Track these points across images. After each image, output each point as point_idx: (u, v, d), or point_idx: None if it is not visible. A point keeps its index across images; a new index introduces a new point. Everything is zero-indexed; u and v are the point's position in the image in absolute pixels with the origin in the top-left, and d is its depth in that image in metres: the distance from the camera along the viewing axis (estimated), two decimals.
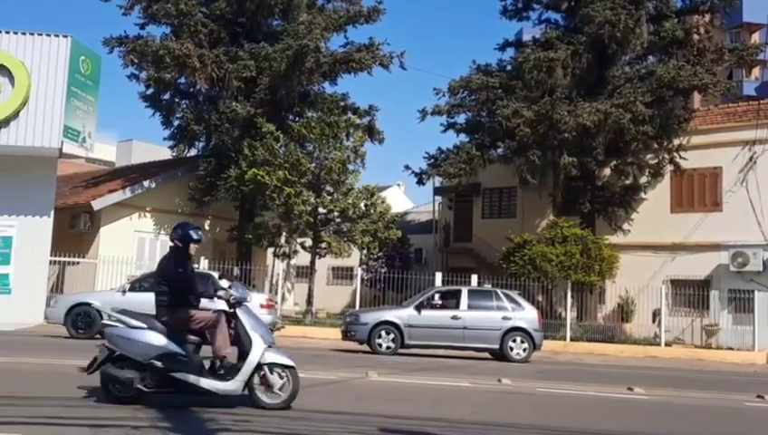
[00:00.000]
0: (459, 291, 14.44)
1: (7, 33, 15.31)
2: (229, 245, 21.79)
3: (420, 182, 23.15)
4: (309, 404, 6.73)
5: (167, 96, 22.06)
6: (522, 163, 20.75)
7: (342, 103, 21.98)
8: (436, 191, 27.47)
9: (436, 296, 14.24)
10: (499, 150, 22.51)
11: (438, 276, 18.70)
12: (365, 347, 13.65)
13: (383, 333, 13.41)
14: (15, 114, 15.01)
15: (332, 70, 21.31)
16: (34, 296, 15.71)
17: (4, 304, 15.50)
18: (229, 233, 21.75)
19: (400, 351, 13.42)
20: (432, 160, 22.70)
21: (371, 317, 13.74)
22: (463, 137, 23.39)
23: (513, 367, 12.35)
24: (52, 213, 16.39)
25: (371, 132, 22.26)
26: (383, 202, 20.55)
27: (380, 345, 13.34)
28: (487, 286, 16.32)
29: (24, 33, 15.41)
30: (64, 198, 19.29)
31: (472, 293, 14.51)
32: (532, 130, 19.87)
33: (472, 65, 23.07)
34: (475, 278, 18.15)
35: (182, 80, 21.20)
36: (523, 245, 20.12)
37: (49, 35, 15.46)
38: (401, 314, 13.67)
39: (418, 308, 13.72)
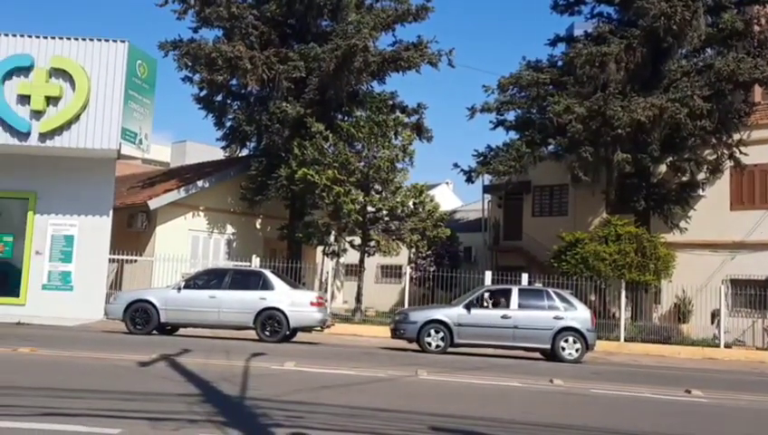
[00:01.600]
0: (510, 290, 14.26)
1: (68, 39, 15.86)
2: (280, 243, 22.11)
3: (469, 180, 23.01)
4: (359, 401, 6.77)
5: (219, 98, 22.54)
6: (573, 160, 20.40)
7: (391, 102, 22.02)
8: (486, 189, 27.23)
9: (486, 295, 14.11)
10: (550, 147, 22.19)
11: (488, 275, 18.55)
12: (414, 345, 13.63)
13: (432, 331, 13.36)
14: (76, 117, 15.55)
15: (381, 69, 21.39)
16: (95, 293, 16.29)
17: (67, 300, 16.13)
18: (280, 231, 22.06)
19: (450, 350, 13.36)
20: (481, 158, 22.53)
21: (421, 316, 13.72)
22: (513, 134, 23.18)
23: (566, 368, 12.13)
24: (111, 212, 16.92)
25: (420, 131, 22.24)
26: (432, 200, 20.51)
27: (430, 344, 13.31)
28: (538, 285, 16.08)
29: (83, 39, 15.94)
30: (122, 198, 19.92)
31: (523, 292, 14.32)
32: (584, 126, 19.50)
33: (522, 62, 22.83)
34: (525, 277, 17.92)
35: (234, 81, 21.61)
36: (574, 243, 19.77)
37: (107, 41, 15.95)
38: (451, 313, 13.59)
39: (468, 307, 13.63)
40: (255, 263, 18.22)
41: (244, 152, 23.60)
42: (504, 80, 21.90)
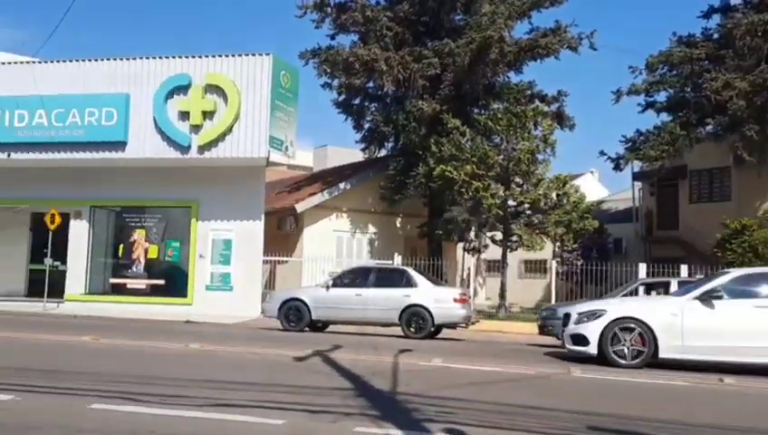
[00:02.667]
0: (668, 283, 13.33)
1: (219, 56, 17.06)
2: (420, 241, 22.28)
3: (617, 168, 21.84)
4: (510, 399, 6.61)
5: (357, 101, 23.17)
6: (736, 140, 18.70)
7: (529, 92, 21.45)
8: (636, 177, 25.72)
9: (642, 289, 13.27)
10: (708, 128, 20.51)
11: (642, 268, 17.44)
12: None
13: None
14: (229, 129, 16.68)
15: (517, 58, 20.89)
16: (252, 293, 17.38)
17: (228, 299, 17.34)
18: (419, 229, 22.23)
19: None
20: (630, 144, 21.30)
21: (570, 311, 13.17)
22: (664, 116, 21.71)
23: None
24: (263, 217, 17.97)
25: (561, 119, 21.46)
26: (576, 191, 19.68)
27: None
28: (699, 277, 14.85)
29: (232, 56, 17.05)
30: (271, 203, 21.03)
31: (683, 285, 13.29)
32: (747, 102, 17.81)
33: (672, 38, 21.32)
34: (684, 269, 16.64)
35: (371, 84, 22.10)
36: (741, 230, 18.10)
37: (254, 54, 16.94)
38: None
39: None
40: (397, 261, 18.49)
41: (383, 153, 24.06)
42: (653, 58, 20.54)
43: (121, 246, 18.84)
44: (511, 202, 19.39)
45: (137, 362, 8.53)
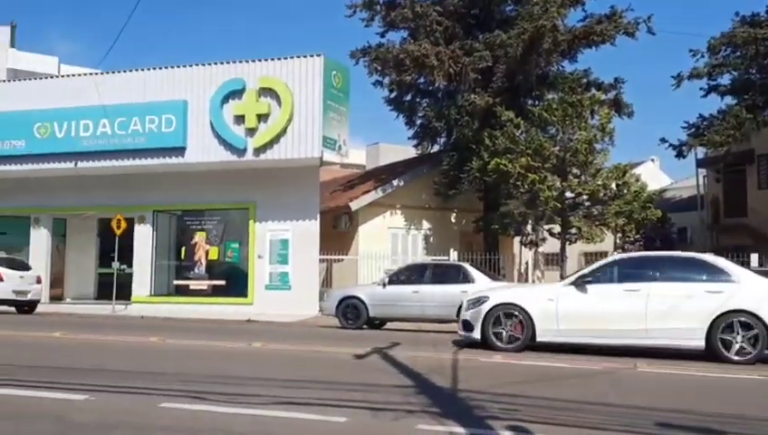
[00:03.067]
0: None
1: (272, 59, 17.32)
2: (476, 236, 22.08)
3: (680, 155, 21.14)
4: (575, 395, 6.47)
5: (408, 97, 23.12)
6: None
7: (584, 80, 20.96)
8: (700, 163, 24.82)
9: None
10: None
11: None
12: None
13: None
14: (284, 131, 16.92)
15: (571, 47, 20.44)
16: (309, 291, 17.59)
17: (286, 298, 17.61)
18: (475, 224, 22.03)
19: None
20: (693, 130, 20.58)
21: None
22: (729, 99, 20.88)
23: None
24: (318, 216, 18.16)
25: (619, 107, 20.89)
26: (637, 180, 19.15)
27: None
28: None
29: (285, 58, 17.28)
30: (326, 202, 21.21)
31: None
32: None
33: (735, 18, 20.43)
34: (755, 257, 15.94)
35: (422, 80, 22.01)
36: None
37: (305, 56, 17.12)
38: None
39: None
40: (453, 256, 18.38)
41: (435, 148, 23.95)
42: (715, 41, 19.75)
43: (183, 248, 19.39)
44: (568, 194, 19.00)
45: (202, 361, 8.75)
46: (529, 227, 20.37)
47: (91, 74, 19.24)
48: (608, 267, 10.14)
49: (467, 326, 10.24)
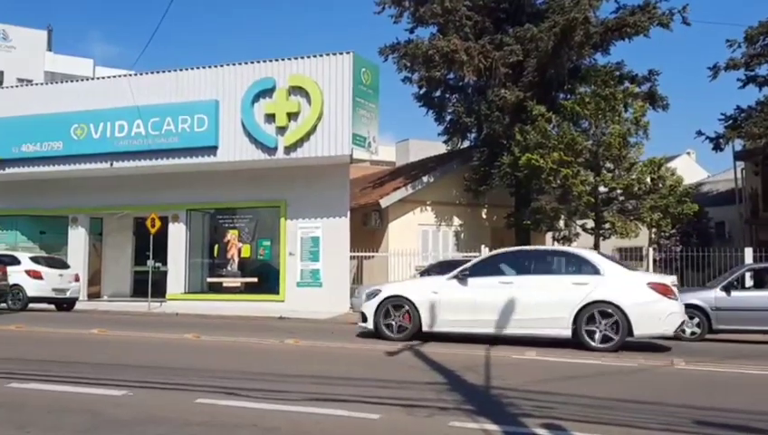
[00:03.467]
0: None
1: (301, 58, 17.39)
2: (507, 232, 21.90)
3: (717, 148, 20.69)
4: (610, 392, 6.39)
5: (438, 93, 23.02)
6: None
7: (617, 73, 20.59)
8: (738, 156, 24.23)
9: (749, 275, 12.47)
10: None
11: (748, 252, 16.41)
12: None
13: (687, 317, 12.18)
14: (314, 129, 16.98)
15: (604, 39, 20.13)
16: (340, 288, 17.66)
17: (317, 296, 17.70)
18: (506, 220, 21.85)
19: (707, 337, 12.08)
20: (730, 122, 20.12)
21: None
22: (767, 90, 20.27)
23: None
24: (348, 213, 18.20)
25: (653, 100, 20.51)
26: (673, 174, 18.77)
27: (684, 331, 12.15)
28: None
29: (314, 56, 17.34)
30: (356, 199, 21.27)
31: None
32: None
33: None
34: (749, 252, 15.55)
35: (451, 75, 21.90)
36: None
37: (334, 54, 17.15)
38: (706, 297, 12.25)
39: (727, 289, 12.17)
40: (485, 253, 18.25)
41: (466, 144, 23.81)
42: (753, 30, 19.26)
43: (216, 246, 19.64)
44: (602, 188, 18.73)
45: (236, 357, 8.85)
46: (561, 223, 20.13)
47: (125, 76, 19.59)
48: (488, 261, 10.84)
49: (364, 317, 10.81)
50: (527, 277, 10.20)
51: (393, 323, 10.45)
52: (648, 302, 9.59)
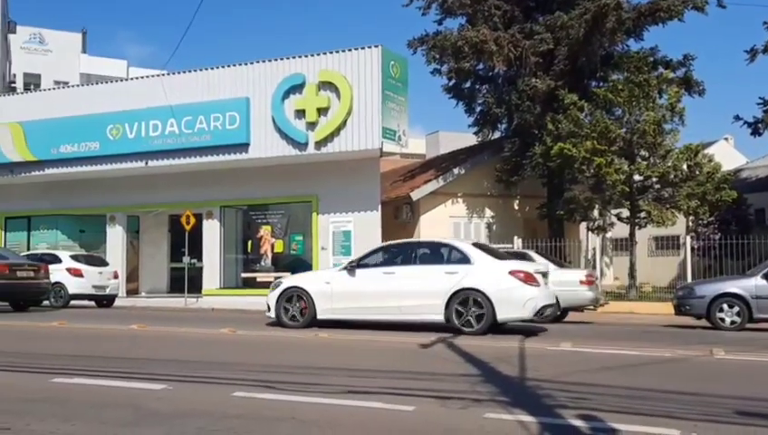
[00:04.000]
0: None
1: (330, 53, 17.44)
2: (540, 222, 21.72)
3: (756, 133, 20.24)
4: (648, 383, 6.29)
5: (467, 84, 22.89)
6: None
7: (651, 59, 20.21)
8: None
9: None
10: None
11: None
12: (703, 323, 12.34)
13: (725, 306, 11.96)
14: (343, 123, 17.04)
15: (637, 25, 19.79)
16: None
17: None
18: (539, 211, 21.66)
19: (748, 325, 11.84)
20: None
21: (709, 289, 12.35)
22: None
23: None
24: (379, 207, 18.24)
25: (688, 85, 20.09)
26: (710, 161, 18.38)
27: (723, 320, 11.93)
28: None
29: (342, 51, 17.38)
30: (387, 193, 21.29)
31: None
32: None
33: None
34: None
35: (480, 66, 21.77)
36: None
37: (363, 48, 17.16)
38: (746, 285, 12.00)
39: None
40: (517, 244, 18.16)
41: (496, 135, 23.64)
42: None
43: (250, 242, 19.89)
44: (637, 177, 18.45)
45: (272, 351, 8.96)
46: (596, 213, 19.87)
47: (157, 76, 19.90)
48: (374, 253, 11.60)
49: (268, 307, 11.63)
50: (408, 267, 10.96)
51: (291, 311, 11.29)
52: (510, 288, 10.32)
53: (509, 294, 10.29)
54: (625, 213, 19.18)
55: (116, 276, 18.83)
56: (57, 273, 16.99)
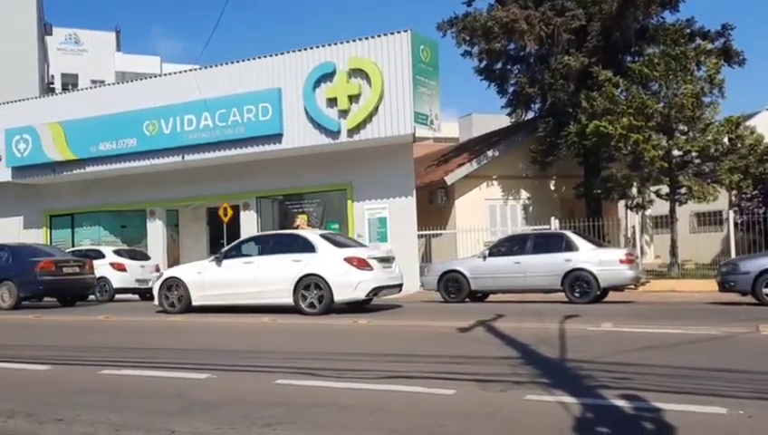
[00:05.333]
0: None
1: (360, 39, 17.40)
2: (577, 202, 21.41)
3: None
4: (693, 362, 6.20)
5: (499, 65, 22.59)
6: None
7: (688, 30, 19.60)
8: None
9: None
10: None
11: None
12: (748, 299, 12.04)
13: None
14: (375, 110, 17.01)
15: None
16: (409, 267, 17.63)
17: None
18: (575, 190, 21.33)
19: None
20: None
21: (755, 265, 12.01)
22: None
23: None
24: (414, 192, 18.21)
25: (728, 55, 19.47)
26: (752, 133, 17.85)
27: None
28: None
29: (372, 37, 17.31)
30: (421, 178, 21.22)
31: None
32: None
33: None
34: None
35: (512, 46, 21.45)
36: None
37: (392, 33, 17.05)
38: None
39: None
40: (555, 225, 17.93)
41: (530, 115, 23.33)
42: None
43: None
44: (676, 152, 18.01)
45: (311, 338, 9.08)
46: (634, 190, 19.49)
47: (190, 70, 20.14)
48: (238, 245, 13.06)
49: (153, 296, 13.01)
50: (264, 257, 12.30)
51: (170, 298, 12.60)
52: (344, 273, 11.52)
53: (343, 278, 11.48)
54: (664, 190, 18.77)
55: (158, 270, 19.17)
56: (101, 268, 17.44)
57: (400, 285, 12.80)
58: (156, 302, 12.92)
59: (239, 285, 12.07)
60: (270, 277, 11.85)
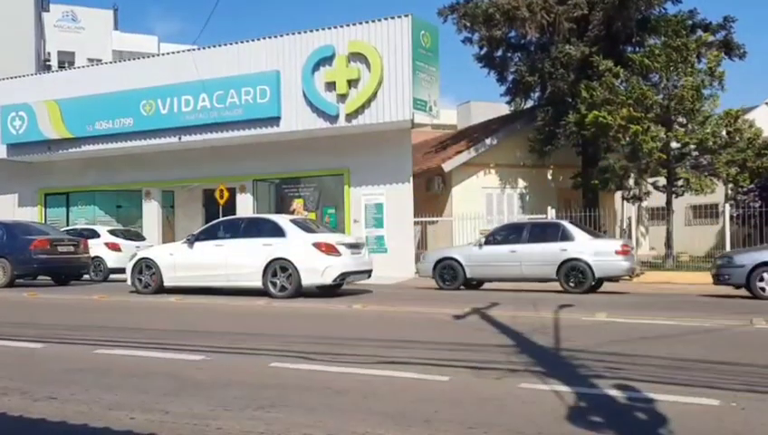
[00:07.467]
0: None
1: (360, 23, 17.27)
2: (574, 192, 21.42)
3: None
4: (685, 353, 6.22)
5: (499, 53, 22.46)
6: None
7: (690, 22, 19.54)
8: None
9: None
10: None
11: None
12: (742, 292, 12.10)
13: (765, 275, 11.68)
14: (374, 95, 16.94)
15: None
16: (405, 254, 17.76)
17: (383, 261, 17.79)
18: (573, 180, 21.34)
19: None
20: None
21: (749, 258, 12.07)
22: None
23: None
24: (411, 179, 18.18)
25: (729, 48, 19.42)
26: (751, 126, 17.86)
27: (763, 289, 11.67)
28: None
29: (372, 21, 17.19)
30: (419, 164, 21.18)
31: None
32: None
33: None
34: None
35: (512, 33, 21.33)
36: None
37: (392, 18, 16.95)
38: None
39: None
40: (551, 215, 17.95)
41: (529, 104, 23.25)
42: None
43: None
44: (674, 144, 18.01)
45: (307, 323, 9.09)
46: (631, 181, 19.51)
47: (188, 51, 19.99)
48: (210, 228, 13.08)
49: (128, 277, 13.08)
50: (235, 241, 12.34)
51: (143, 279, 12.79)
52: (312, 258, 11.66)
53: (311, 263, 11.63)
54: (661, 181, 18.80)
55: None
56: (96, 247, 17.39)
57: (369, 271, 12.95)
58: (129, 282, 13.00)
59: (210, 267, 12.25)
60: (240, 260, 12.02)
